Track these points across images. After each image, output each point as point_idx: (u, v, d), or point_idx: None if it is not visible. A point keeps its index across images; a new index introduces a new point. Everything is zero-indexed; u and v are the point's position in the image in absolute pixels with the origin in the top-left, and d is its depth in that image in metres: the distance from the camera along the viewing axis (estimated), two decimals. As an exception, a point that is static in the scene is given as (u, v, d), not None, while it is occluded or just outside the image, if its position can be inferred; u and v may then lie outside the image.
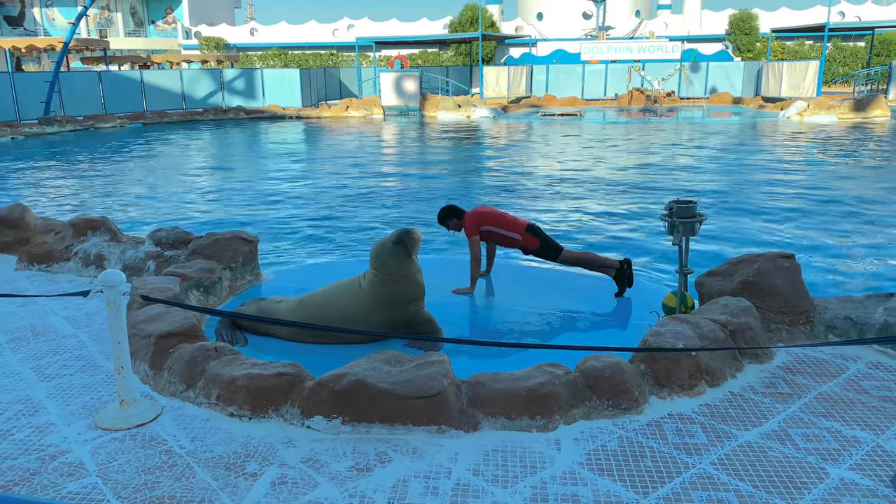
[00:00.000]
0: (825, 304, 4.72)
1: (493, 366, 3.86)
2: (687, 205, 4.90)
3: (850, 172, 14.61)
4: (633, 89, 34.27)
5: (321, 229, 10.15)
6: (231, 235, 6.07)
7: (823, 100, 27.85)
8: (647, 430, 3.48)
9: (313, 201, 12.34)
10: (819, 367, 4.17)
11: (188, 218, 11.10)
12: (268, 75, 33.65)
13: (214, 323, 5.08)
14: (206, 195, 13.36)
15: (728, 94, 34.24)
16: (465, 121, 29.17)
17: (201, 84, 32.72)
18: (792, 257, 4.86)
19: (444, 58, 51.63)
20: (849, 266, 8.06)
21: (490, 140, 22.78)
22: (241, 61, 51.87)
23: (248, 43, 57.45)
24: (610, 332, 5.08)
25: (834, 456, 3.23)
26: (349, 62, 51.98)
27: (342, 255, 8.63)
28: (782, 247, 8.62)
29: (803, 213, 10.69)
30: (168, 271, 5.42)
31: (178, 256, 5.99)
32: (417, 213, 11.13)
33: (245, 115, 31.44)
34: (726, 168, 15.42)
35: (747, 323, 4.30)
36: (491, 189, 13.42)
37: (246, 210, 11.67)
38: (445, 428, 3.44)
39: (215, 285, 5.56)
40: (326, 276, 6.46)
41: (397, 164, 17.40)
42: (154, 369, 4.09)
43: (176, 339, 4.18)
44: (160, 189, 13.96)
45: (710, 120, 27.13)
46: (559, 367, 3.76)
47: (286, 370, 3.70)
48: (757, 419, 3.57)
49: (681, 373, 3.82)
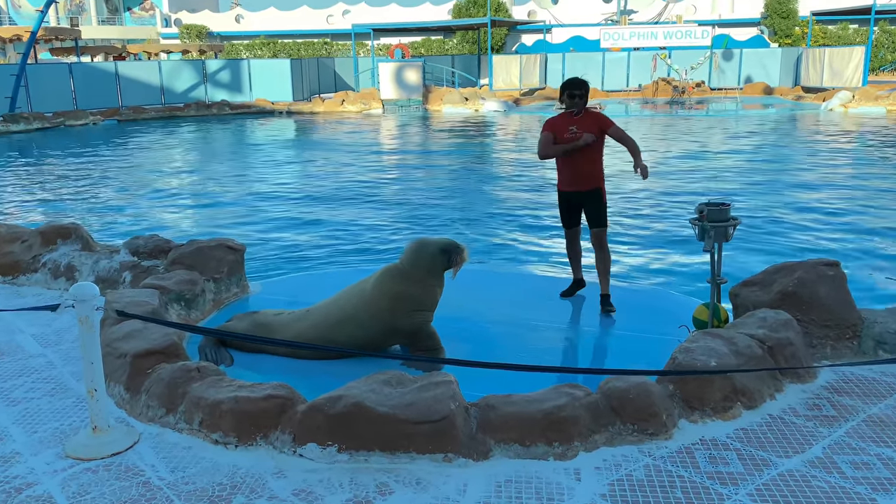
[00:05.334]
0: (874, 316, 4.70)
1: (506, 386, 3.86)
2: (719, 208, 4.90)
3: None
4: (659, 79, 34.25)
5: (314, 237, 10.17)
6: (215, 243, 6.08)
7: (870, 89, 27.79)
8: (677, 457, 3.47)
9: (306, 206, 12.36)
10: (868, 386, 4.15)
11: (168, 225, 11.13)
12: (255, 67, 33.81)
13: (197, 340, 5.09)
14: (188, 199, 13.39)
15: (764, 83, 34.20)
16: (473, 115, 29.23)
17: (182, 77, 32.89)
18: (837, 265, 4.85)
19: (450, 46, 51.78)
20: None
21: (501, 136, 22.81)
22: (226, 51, 52.13)
23: (233, 31, 57.75)
24: (635, 349, 5.07)
25: (886, 486, 3.21)
26: (345, 52, 52.20)
27: (338, 264, 8.64)
28: (825, 253, 8.59)
29: (848, 216, 10.65)
30: (146, 283, 5.42)
31: (157, 267, 5.99)
32: (422, 221, 11.14)
33: (230, 111, 31.57)
34: (762, 167, 15.39)
35: (787, 338, 4.28)
36: (504, 191, 13.42)
37: (231, 216, 11.70)
38: (452, 456, 3.44)
39: (198, 298, 5.57)
40: (320, 288, 6.46)
41: (398, 165, 17.43)
42: (130, 392, 4.09)
43: (154, 359, 4.18)
44: (137, 193, 14.01)
45: (744, 112, 27.11)
46: (579, 388, 3.75)
47: (276, 392, 3.71)
48: (799, 445, 3.55)
49: (714, 394, 3.81)
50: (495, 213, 11.50)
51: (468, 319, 5.46)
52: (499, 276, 6.75)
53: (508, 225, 10.61)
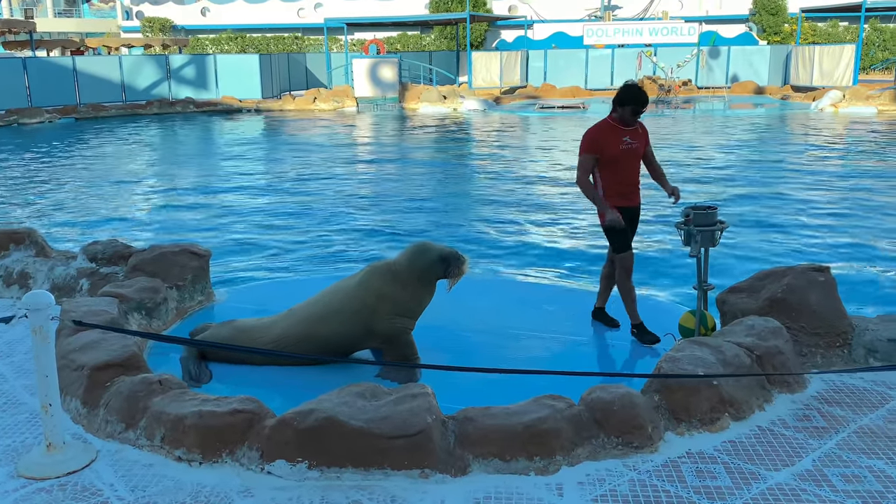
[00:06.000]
0: (865, 323, 4.77)
1: (485, 398, 3.86)
2: (706, 211, 4.95)
3: (891, 174, 14.79)
4: (644, 78, 34.51)
5: (284, 242, 10.13)
6: (178, 249, 6.04)
7: (861, 89, 28.23)
8: (663, 471, 3.49)
9: (275, 210, 12.31)
10: (859, 396, 4.21)
11: (128, 229, 11.05)
12: (222, 62, 33.62)
13: (159, 351, 5.05)
14: (150, 202, 13.30)
15: (752, 82, 34.61)
16: (452, 114, 29.29)
17: (144, 72, 32.62)
18: (827, 270, 4.91)
19: (427, 42, 51.85)
20: (893, 280, 8.15)
21: (481, 137, 22.87)
22: (191, 46, 51.79)
23: (198, 24, 57.40)
24: (619, 359, 5.11)
25: (877, 499, 3.25)
26: (317, 47, 52.09)
27: (309, 271, 8.61)
28: (815, 259, 8.71)
29: (839, 221, 10.80)
30: (104, 291, 5.38)
31: (117, 274, 5.94)
32: (395, 225, 11.13)
33: (195, 109, 31.36)
34: (751, 169, 15.58)
35: (776, 346, 4.33)
36: (483, 195, 13.45)
37: (196, 219, 11.62)
38: (429, 472, 3.44)
39: (160, 307, 5.53)
40: (290, 296, 6.43)
41: (373, 166, 17.41)
42: (88, 406, 4.05)
43: (113, 371, 4.13)
44: (96, 195, 13.88)
45: (732, 112, 27.42)
46: (561, 399, 3.77)
47: (243, 406, 3.68)
48: (788, 458, 3.59)
49: (701, 405, 3.84)
50: (473, 218, 11.53)
51: (445, 328, 5.47)
52: (477, 282, 6.76)
53: (487, 230, 10.64)
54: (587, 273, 8.17)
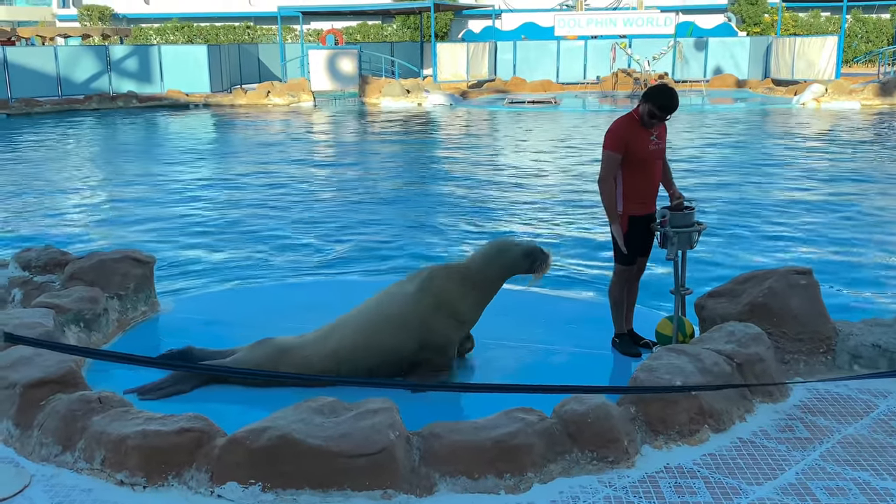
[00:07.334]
0: (849, 328, 4.86)
1: (452, 412, 3.88)
2: (683, 212, 5.01)
3: (876, 172, 15.11)
4: (619, 71, 34.89)
5: (235, 247, 10.04)
6: (120, 255, 5.98)
7: (843, 83, 28.77)
8: (640, 487, 3.52)
9: (225, 212, 12.21)
10: (843, 405, 4.29)
11: (65, 234, 10.87)
12: (167, 53, 33.27)
13: (98, 367, 4.97)
14: (88, 206, 13.11)
15: (732, 75, 35.13)
16: (416, 109, 29.31)
17: (82, 64, 32.15)
18: (809, 273, 5.00)
19: (389, 32, 51.85)
20: (877, 283, 8.31)
21: (447, 133, 22.90)
22: (134, 36, 51.20)
23: (141, 13, 56.78)
24: (593, 368, 5.14)
25: (862, 513, 3.31)
26: (270, 37, 51.80)
27: (264, 278, 8.54)
28: (798, 261, 8.85)
29: (822, 222, 10.99)
30: (39, 302, 5.31)
31: (52, 283, 5.87)
32: (355, 227, 11.10)
33: (138, 103, 31.00)
34: (730, 167, 15.80)
35: (757, 354, 4.40)
36: (451, 196, 13.47)
37: (138, 224, 11.48)
38: (392, 492, 3.43)
39: (100, 318, 5.47)
40: (243, 305, 6.40)
41: (331, 166, 17.35)
42: (20, 428, 3.98)
43: (49, 389, 4.08)
44: (29, 199, 13.64)
45: (711, 108, 27.79)
46: (532, 412, 3.79)
47: (191, 425, 3.65)
48: (771, 471, 3.65)
49: (679, 416, 3.88)
50: (440, 219, 11.54)
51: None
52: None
53: (455, 233, 10.65)
54: (561, 279, 8.21)
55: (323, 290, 7.09)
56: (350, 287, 7.22)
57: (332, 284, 7.60)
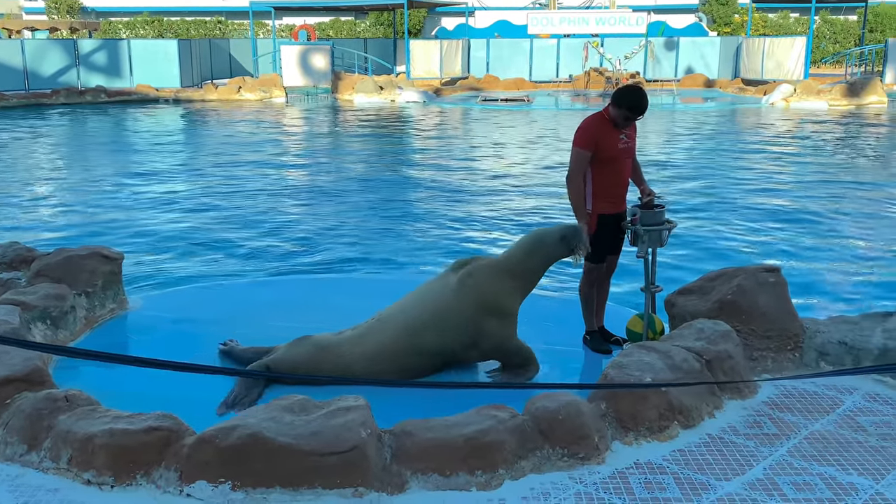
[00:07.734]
0: (816, 325, 4.93)
1: (424, 410, 3.87)
2: (653, 210, 5.04)
3: (843, 171, 15.33)
4: (591, 69, 35.08)
5: (205, 243, 9.97)
6: (87, 252, 5.91)
7: (812, 83, 29.16)
8: (610, 483, 3.55)
9: (194, 208, 12.12)
10: (810, 401, 4.35)
11: (30, 230, 10.75)
12: (137, 48, 32.90)
13: (65, 364, 4.91)
14: (55, 201, 12.95)
15: (702, 75, 35.44)
16: (389, 106, 29.26)
17: (50, 58, 31.70)
18: (777, 271, 5.06)
19: (362, 28, 51.69)
20: (843, 280, 8.44)
21: (420, 131, 22.89)
22: (102, 30, 50.57)
23: (110, 6, 56.09)
24: (564, 365, 5.17)
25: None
26: (242, 32, 51.42)
27: (232, 275, 8.49)
28: (766, 259, 8.96)
29: (790, 220, 11.14)
30: (4, 299, 5.24)
31: (18, 279, 5.79)
32: (327, 222, 11.07)
33: (107, 98, 30.64)
34: (700, 166, 15.96)
35: (726, 351, 4.44)
36: (421, 194, 13.47)
37: (106, 220, 11.36)
38: (364, 490, 3.42)
39: (67, 316, 5.40)
40: (211, 303, 6.36)
41: (302, 161, 17.29)
42: (-16, 427, 3.92)
43: (14, 387, 4.02)
44: (-6, 193, 13.45)
45: (682, 107, 28.05)
46: (504, 409, 3.80)
47: (159, 423, 3.62)
48: (739, 466, 3.69)
49: (649, 413, 3.91)
50: (413, 216, 11.54)
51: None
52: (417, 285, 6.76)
53: (428, 231, 10.66)
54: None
55: (292, 288, 7.05)
56: (319, 285, 7.19)
57: (301, 282, 7.56)
